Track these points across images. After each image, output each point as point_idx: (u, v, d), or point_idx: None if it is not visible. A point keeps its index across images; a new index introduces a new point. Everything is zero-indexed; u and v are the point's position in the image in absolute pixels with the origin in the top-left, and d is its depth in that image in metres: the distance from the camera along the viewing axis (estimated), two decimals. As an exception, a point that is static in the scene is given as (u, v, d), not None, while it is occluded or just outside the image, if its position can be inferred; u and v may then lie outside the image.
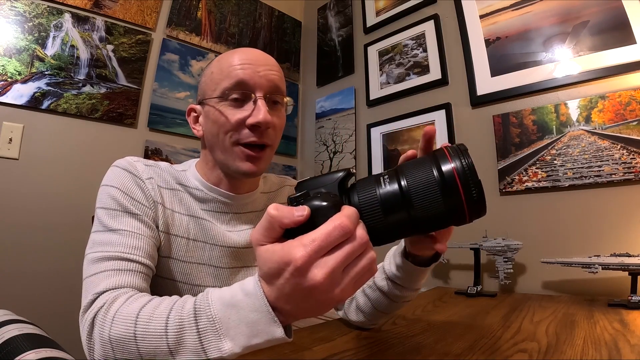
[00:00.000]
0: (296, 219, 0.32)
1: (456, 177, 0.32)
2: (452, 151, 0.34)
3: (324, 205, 0.32)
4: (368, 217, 0.33)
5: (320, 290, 0.30)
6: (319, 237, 0.30)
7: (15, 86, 1.22)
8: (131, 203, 0.55)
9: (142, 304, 0.40)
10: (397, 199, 0.33)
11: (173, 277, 0.58)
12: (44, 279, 1.21)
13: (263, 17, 2.00)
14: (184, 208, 0.61)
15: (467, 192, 0.32)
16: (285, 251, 0.30)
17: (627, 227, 0.99)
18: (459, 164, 0.33)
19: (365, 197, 0.34)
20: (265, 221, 0.33)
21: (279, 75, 0.61)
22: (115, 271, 0.47)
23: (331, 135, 1.88)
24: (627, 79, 1.04)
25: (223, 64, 0.60)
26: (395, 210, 0.33)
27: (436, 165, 0.33)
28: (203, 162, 0.65)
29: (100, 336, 0.40)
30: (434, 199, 0.33)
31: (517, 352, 0.54)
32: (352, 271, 0.31)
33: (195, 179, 0.64)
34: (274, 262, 0.31)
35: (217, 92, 0.59)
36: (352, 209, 0.32)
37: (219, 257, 0.62)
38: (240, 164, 0.59)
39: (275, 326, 0.33)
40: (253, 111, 0.57)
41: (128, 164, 0.59)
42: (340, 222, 0.30)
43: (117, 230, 0.51)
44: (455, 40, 1.45)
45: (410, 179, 0.34)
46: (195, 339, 0.35)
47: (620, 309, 0.81)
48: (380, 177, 0.35)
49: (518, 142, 1.22)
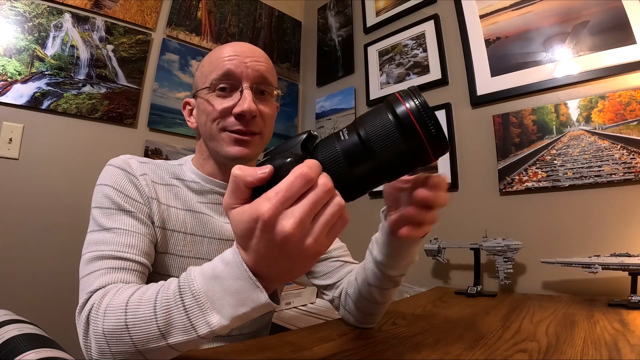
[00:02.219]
0: (259, 176, 0.32)
1: (411, 116, 0.33)
2: (404, 94, 0.34)
3: (287, 162, 0.33)
4: (334, 171, 0.34)
5: (293, 242, 0.30)
6: (282, 189, 0.30)
7: (15, 86, 1.22)
8: (125, 201, 0.55)
9: (130, 293, 0.40)
10: (359, 148, 0.34)
11: (171, 273, 0.58)
12: (44, 279, 1.21)
13: (263, 17, 2.00)
14: (180, 202, 0.61)
15: (424, 129, 0.33)
16: (253, 208, 0.31)
17: (627, 227, 0.99)
18: (412, 103, 0.33)
19: (328, 152, 0.34)
20: (232, 183, 0.33)
21: (266, 66, 0.63)
22: (108, 269, 0.47)
23: (331, 135, 1.88)
24: (627, 79, 1.04)
25: (213, 57, 0.62)
26: (359, 159, 0.34)
27: (390, 110, 0.34)
28: (198, 153, 0.67)
29: (94, 333, 0.39)
30: (393, 141, 0.33)
31: (517, 352, 0.54)
32: (321, 219, 0.31)
33: (191, 172, 0.65)
34: (244, 222, 0.31)
35: (206, 84, 0.61)
36: (313, 161, 0.32)
37: (217, 250, 0.62)
38: (228, 149, 0.60)
39: (258, 292, 0.33)
40: (239, 101, 0.59)
41: (122, 162, 0.59)
42: (300, 172, 0.31)
43: (112, 229, 0.51)
44: (455, 40, 1.45)
45: (369, 127, 0.34)
46: (183, 317, 0.35)
47: (620, 309, 0.81)
48: (340, 132, 0.36)
49: (518, 142, 1.22)
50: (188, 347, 0.37)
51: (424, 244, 1.24)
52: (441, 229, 1.32)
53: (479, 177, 1.31)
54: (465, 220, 1.30)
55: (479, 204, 1.28)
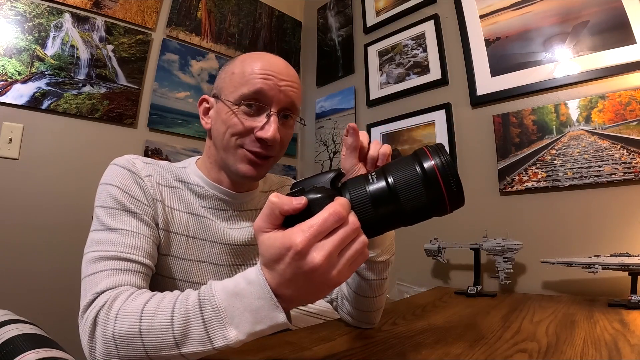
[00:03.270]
0: (295, 206, 0.35)
1: (437, 172, 0.36)
2: (432, 150, 0.38)
3: (320, 197, 0.36)
4: (359, 211, 0.37)
5: (319, 272, 0.33)
6: (316, 223, 0.33)
7: (15, 86, 1.22)
8: (130, 201, 0.55)
9: (145, 300, 0.41)
10: (385, 193, 0.37)
11: (172, 275, 0.58)
12: (44, 279, 1.21)
13: (263, 17, 2.00)
14: (183, 205, 0.61)
15: (447, 185, 0.36)
16: (286, 237, 0.33)
17: (627, 227, 0.99)
18: (438, 160, 0.37)
19: (357, 192, 0.38)
20: (267, 208, 0.35)
21: (297, 92, 0.61)
22: (114, 271, 0.47)
23: (331, 135, 1.88)
24: (627, 79, 1.04)
25: (247, 67, 0.59)
26: (384, 203, 0.37)
27: (419, 163, 0.38)
28: (206, 155, 0.66)
29: (103, 334, 0.40)
30: (418, 192, 0.37)
31: (517, 352, 0.54)
32: (347, 254, 0.34)
33: (196, 175, 0.64)
34: (276, 248, 0.34)
35: (234, 96, 0.58)
36: (345, 199, 0.36)
37: (218, 254, 0.62)
38: (240, 166, 0.59)
39: (277, 311, 0.35)
40: (265, 125, 0.58)
41: (127, 162, 0.59)
42: (334, 210, 0.33)
43: (116, 230, 0.51)
44: (455, 40, 1.45)
45: (396, 175, 0.38)
46: (201, 328, 0.36)
47: (620, 309, 0.81)
48: (368, 175, 0.39)
49: (518, 142, 1.22)
50: (198, 357, 0.38)
51: (424, 244, 1.24)
52: (441, 229, 1.32)
53: (479, 177, 1.31)
54: (465, 220, 1.30)
55: (479, 204, 1.28)
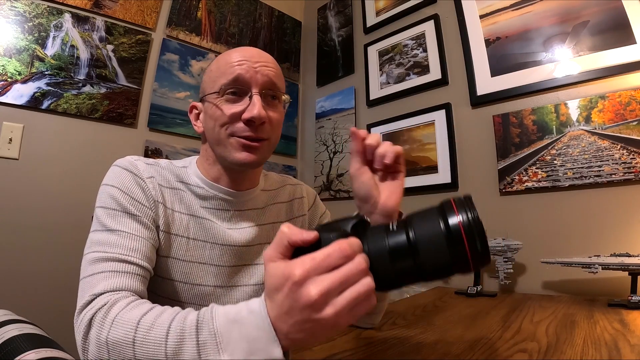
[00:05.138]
0: (304, 238, 0.34)
1: (461, 229, 0.34)
2: (458, 204, 0.36)
3: (333, 235, 0.35)
4: (376, 262, 0.35)
5: (314, 308, 0.31)
6: (319, 256, 0.32)
7: (15, 86, 1.22)
8: (131, 203, 0.55)
9: (144, 311, 0.40)
10: (404, 246, 0.35)
11: (173, 277, 0.58)
12: (44, 279, 1.21)
13: (263, 17, 2.00)
14: (184, 207, 0.61)
15: (471, 245, 0.33)
16: (288, 267, 0.33)
17: (627, 227, 0.99)
18: (465, 217, 0.34)
19: (375, 241, 0.36)
20: (277, 237, 0.35)
21: (275, 71, 0.62)
22: (113, 273, 0.47)
23: (331, 135, 1.88)
24: (627, 79, 1.04)
25: (221, 62, 0.61)
26: (402, 258, 0.35)
27: (442, 218, 0.35)
28: (203, 157, 0.66)
29: (97, 338, 0.40)
30: (440, 250, 0.34)
31: (517, 352, 0.54)
32: (348, 294, 0.32)
33: (196, 176, 0.64)
34: (277, 277, 0.33)
35: (215, 88, 0.60)
36: (356, 240, 0.34)
37: (219, 255, 0.61)
38: (236, 154, 0.59)
39: (274, 345, 0.33)
40: (248, 106, 0.58)
41: (129, 164, 0.59)
42: (340, 246, 0.32)
43: (116, 231, 0.51)
44: (455, 40, 1.45)
45: (418, 229, 0.35)
46: (194, 350, 0.35)
47: (620, 309, 0.81)
48: (390, 225, 0.37)
49: (518, 142, 1.22)
50: None
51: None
52: (441, 229, 1.32)
53: (479, 177, 1.31)
54: (465, 220, 1.30)
55: (479, 204, 1.26)
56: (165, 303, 0.59)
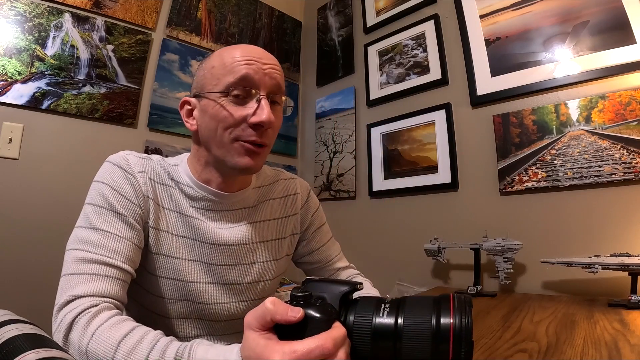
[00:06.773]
0: (288, 318, 0.33)
1: (451, 332, 0.33)
2: (457, 305, 0.35)
3: (318, 317, 0.34)
4: (357, 339, 0.35)
5: None
6: (299, 351, 0.31)
7: (15, 86, 1.22)
8: (119, 202, 0.54)
9: (125, 332, 0.41)
10: (390, 331, 0.35)
11: (165, 274, 0.58)
12: (45, 279, 1.21)
13: (263, 17, 2.00)
14: (173, 204, 0.61)
15: (456, 349, 0.33)
16: (268, 350, 0.32)
17: (627, 227, 0.99)
18: (458, 321, 0.33)
19: (361, 320, 0.36)
20: (260, 310, 0.34)
21: (281, 75, 0.61)
22: (94, 276, 0.48)
23: (331, 135, 1.88)
24: (627, 79, 1.04)
25: (226, 58, 0.58)
26: (384, 340, 0.35)
27: (437, 313, 0.34)
28: (194, 158, 0.63)
29: (78, 345, 0.41)
30: (423, 343, 0.34)
31: (517, 352, 0.54)
32: None
33: (186, 175, 0.63)
34: (256, 355, 0.33)
35: (219, 87, 0.57)
36: (342, 331, 0.34)
37: (209, 254, 0.61)
38: (239, 159, 0.57)
39: None
40: (256, 110, 0.56)
41: (120, 160, 0.59)
42: (323, 343, 0.32)
43: (100, 230, 0.51)
44: (455, 40, 1.45)
45: (408, 316, 0.35)
46: None
47: (620, 309, 0.81)
48: (382, 304, 0.37)
49: (518, 142, 1.22)
50: None
51: (424, 244, 1.24)
52: (441, 229, 1.32)
53: (479, 177, 1.31)
54: (465, 220, 1.30)
55: (478, 204, 1.28)
56: (158, 301, 0.59)
